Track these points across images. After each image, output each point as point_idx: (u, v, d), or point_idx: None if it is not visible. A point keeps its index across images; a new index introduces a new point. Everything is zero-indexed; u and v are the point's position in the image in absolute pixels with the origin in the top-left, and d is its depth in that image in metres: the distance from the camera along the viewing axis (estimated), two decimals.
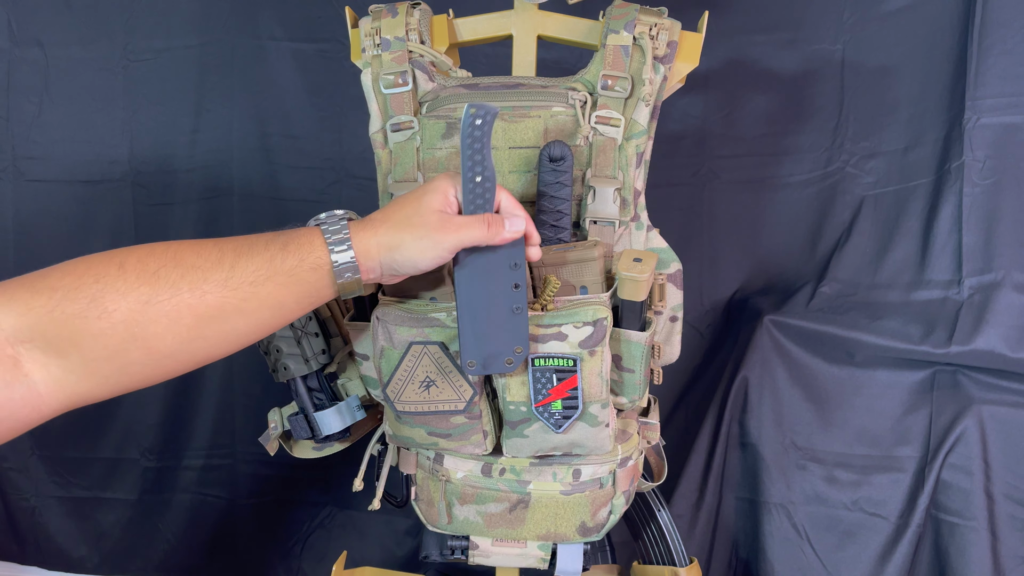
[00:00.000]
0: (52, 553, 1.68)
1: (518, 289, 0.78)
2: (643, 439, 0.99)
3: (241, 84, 1.52)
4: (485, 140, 0.73)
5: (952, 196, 1.25)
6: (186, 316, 0.65)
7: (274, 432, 1.02)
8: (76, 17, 1.53)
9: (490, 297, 0.77)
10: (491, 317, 0.78)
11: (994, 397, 1.20)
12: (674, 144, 1.45)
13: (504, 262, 0.77)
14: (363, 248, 0.72)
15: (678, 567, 1.07)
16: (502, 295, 0.77)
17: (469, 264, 0.77)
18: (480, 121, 0.73)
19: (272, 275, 0.68)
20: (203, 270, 0.66)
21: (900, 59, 1.33)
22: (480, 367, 0.79)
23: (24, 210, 1.58)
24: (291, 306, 0.71)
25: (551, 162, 0.86)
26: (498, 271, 0.77)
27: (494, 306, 0.78)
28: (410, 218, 0.73)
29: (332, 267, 0.70)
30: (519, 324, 0.78)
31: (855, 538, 1.28)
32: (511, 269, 0.77)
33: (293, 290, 0.70)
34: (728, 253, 1.47)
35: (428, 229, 0.72)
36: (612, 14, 0.89)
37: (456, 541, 0.99)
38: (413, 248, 0.72)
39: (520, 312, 0.78)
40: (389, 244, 0.72)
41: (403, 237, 0.72)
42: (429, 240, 0.72)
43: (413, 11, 0.93)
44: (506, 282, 0.77)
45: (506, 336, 0.78)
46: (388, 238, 0.72)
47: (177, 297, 0.64)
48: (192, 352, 0.67)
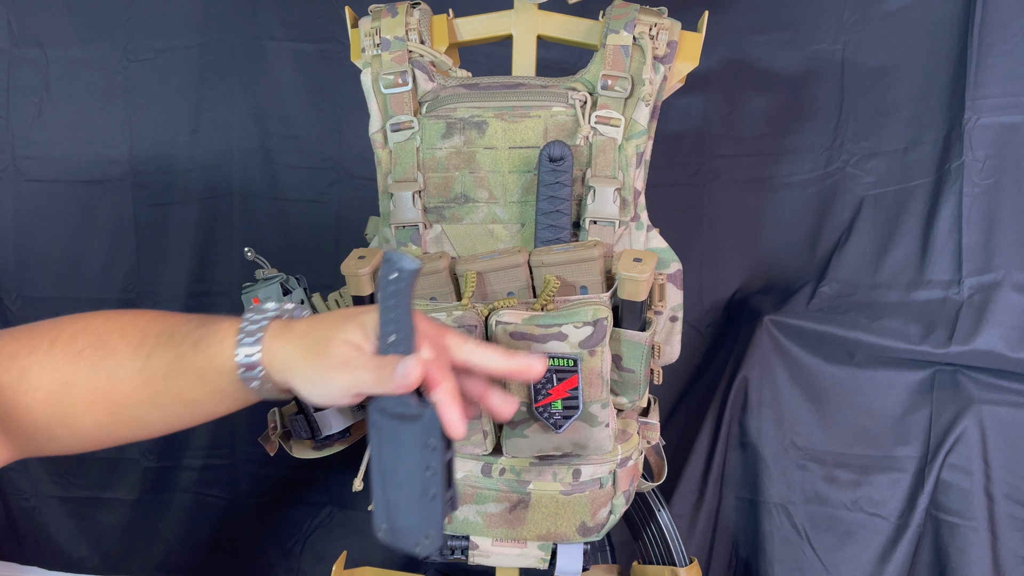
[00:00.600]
0: (52, 553, 1.68)
1: (431, 473, 0.63)
2: (643, 439, 0.99)
3: (241, 84, 1.52)
4: (402, 298, 0.62)
5: (952, 196, 1.25)
6: (102, 403, 0.62)
7: (274, 432, 1.02)
8: (76, 17, 1.53)
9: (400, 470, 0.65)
10: (402, 491, 0.65)
11: (994, 397, 1.20)
12: (674, 144, 1.45)
13: (418, 437, 0.63)
14: (270, 357, 0.62)
15: (678, 567, 1.07)
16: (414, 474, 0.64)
17: (380, 423, 0.65)
18: (395, 276, 0.62)
19: (181, 373, 0.62)
20: (121, 356, 0.62)
21: (900, 59, 1.33)
22: (389, 535, 0.67)
23: (24, 210, 1.58)
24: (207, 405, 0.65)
25: (551, 162, 0.86)
26: (410, 446, 0.64)
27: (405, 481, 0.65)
28: (317, 343, 0.62)
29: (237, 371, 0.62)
30: (432, 510, 0.64)
31: (855, 538, 1.28)
32: (424, 448, 0.63)
33: (206, 390, 0.64)
34: (728, 253, 1.47)
35: (326, 361, 0.61)
36: (612, 14, 0.89)
37: (456, 541, 0.99)
38: (304, 380, 0.62)
39: (435, 499, 0.64)
40: (288, 365, 0.62)
41: (300, 363, 0.62)
42: (322, 375, 0.61)
43: (413, 11, 0.93)
44: (418, 461, 0.64)
45: (417, 518, 0.65)
46: (289, 358, 0.62)
47: (95, 382, 0.62)
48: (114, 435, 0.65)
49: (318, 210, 1.54)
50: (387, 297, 0.62)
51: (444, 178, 0.90)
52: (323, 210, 1.54)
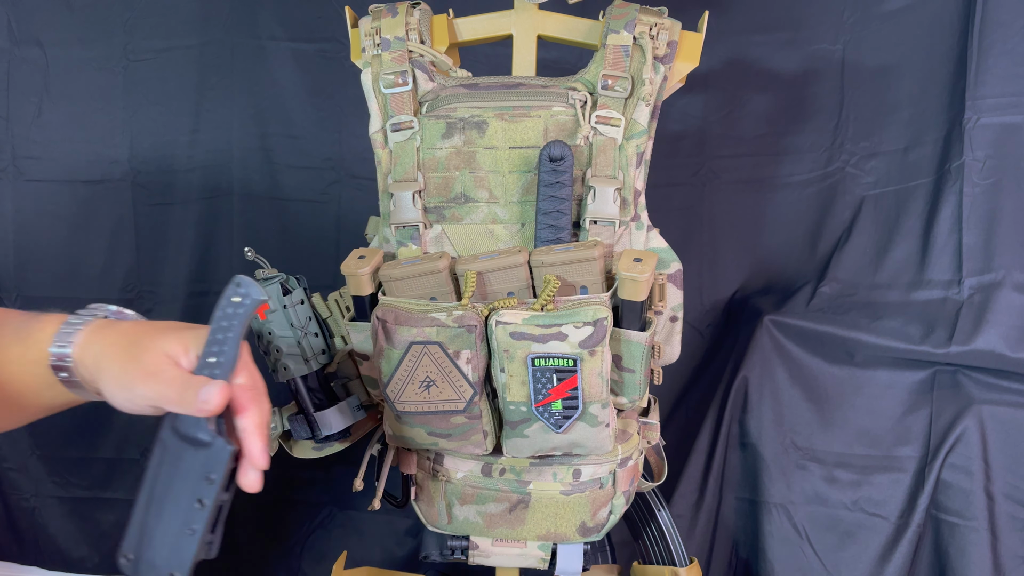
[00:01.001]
0: (52, 553, 1.68)
1: (201, 508, 0.61)
2: (643, 439, 0.99)
3: (241, 84, 1.52)
4: (238, 323, 0.61)
5: (952, 196, 1.25)
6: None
7: (274, 432, 1.02)
8: (76, 17, 1.53)
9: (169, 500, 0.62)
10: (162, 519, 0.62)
11: (994, 397, 1.20)
12: (674, 144, 1.45)
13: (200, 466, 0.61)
14: (81, 354, 0.61)
15: (678, 567, 1.07)
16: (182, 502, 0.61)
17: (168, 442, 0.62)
18: (238, 300, 0.62)
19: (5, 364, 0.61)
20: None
21: (900, 59, 1.33)
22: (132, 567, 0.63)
23: (24, 210, 1.58)
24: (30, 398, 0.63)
25: (551, 162, 0.85)
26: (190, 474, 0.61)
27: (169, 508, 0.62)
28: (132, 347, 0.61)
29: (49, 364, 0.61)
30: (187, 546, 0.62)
31: (855, 538, 1.28)
32: (202, 480, 0.61)
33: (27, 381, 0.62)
34: (728, 253, 1.47)
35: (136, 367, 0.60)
36: (612, 14, 0.89)
37: (456, 541, 0.99)
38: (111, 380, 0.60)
39: (192, 535, 0.62)
40: (98, 364, 0.61)
41: (110, 364, 0.60)
42: (129, 380, 0.60)
43: (413, 11, 0.93)
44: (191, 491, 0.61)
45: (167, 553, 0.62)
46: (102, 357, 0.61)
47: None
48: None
49: (318, 210, 1.54)
50: (223, 318, 0.61)
51: (444, 178, 0.90)
52: (323, 210, 1.54)
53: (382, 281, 0.88)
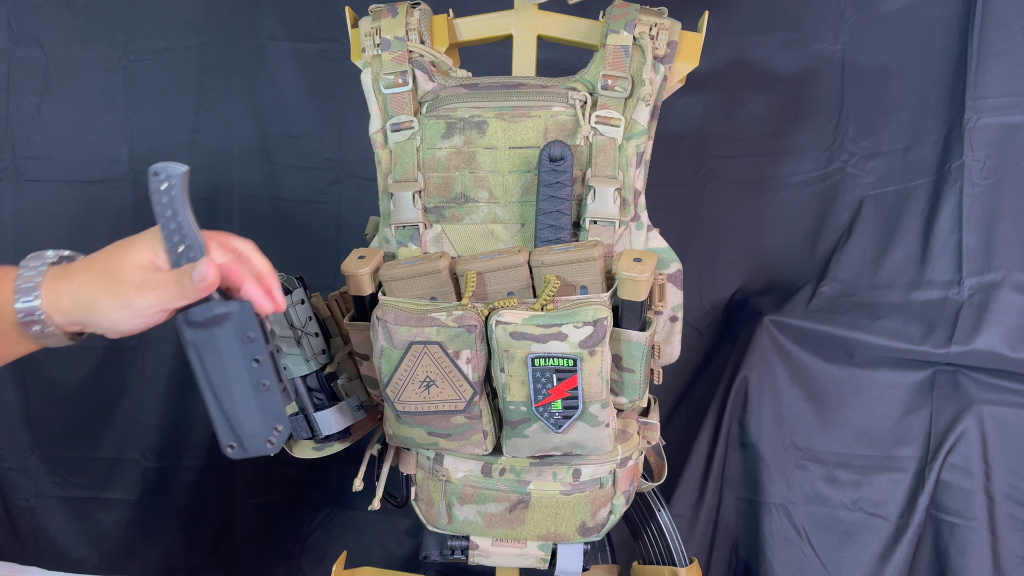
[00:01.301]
0: (52, 553, 1.68)
1: (259, 365, 0.66)
2: (643, 439, 0.99)
3: (241, 84, 1.52)
4: (177, 205, 0.63)
5: (952, 196, 1.25)
6: None
7: None
8: (76, 17, 1.53)
9: (229, 376, 0.66)
10: (236, 397, 0.67)
11: (994, 397, 1.20)
12: (674, 144, 1.45)
13: (234, 335, 0.65)
14: (54, 303, 0.62)
15: (678, 567, 1.07)
16: (242, 373, 0.66)
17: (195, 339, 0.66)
18: (166, 184, 0.63)
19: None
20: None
21: (900, 59, 1.33)
22: (240, 450, 0.69)
23: (24, 210, 1.58)
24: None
25: (551, 162, 0.85)
26: (230, 346, 0.65)
27: (236, 385, 0.66)
28: (109, 272, 0.62)
29: (16, 320, 0.61)
30: (271, 401, 0.67)
31: (855, 538, 1.28)
32: (244, 342, 0.65)
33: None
34: (728, 253, 1.47)
35: (125, 287, 0.62)
36: (612, 14, 0.89)
37: (456, 541, 0.99)
38: (108, 308, 0.62)
39: (268, 389, 0.67)
40: (84, 302, 0.62)
41: (97, 295, 0.62)
42: (125, 299, 0.62)
43: (413, 11, 0.93)
44: (243, 358, 0.66)
45: (259, 416, 0.67)
46: (83, 294, 0.62)
47: None
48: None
49: (318, 210, 1.54)
50: (163, 209, 0.63)
51: (444, 178, 0.90)
52: (323, 210, 1.54)
53: (382, 281, 0.88)
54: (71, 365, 1.61)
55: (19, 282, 0.62)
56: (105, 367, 1.61)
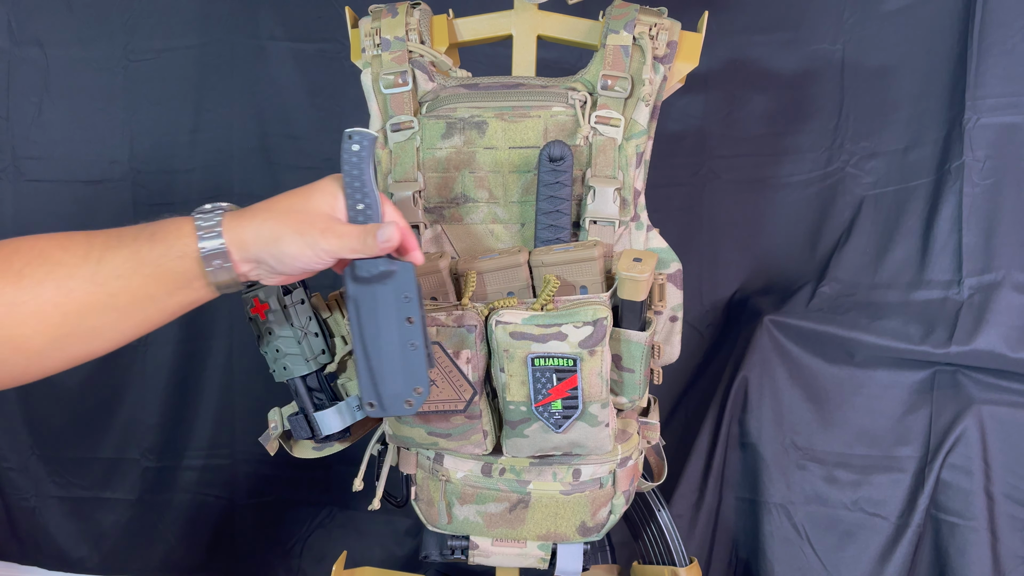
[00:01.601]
0: (52, 553, 1.68)
1: (412, 324, 0.72)
2: (643, 439, 0.99)
3: (241, 84, 1.52)
4: (364, 166, 0.70)
5: (952, 196, 1.25)
6: (53, 315, 0.63)
7: (274, 432, 1.02)
8: (76, 17, 1.53)
9: (383, 332, 0.72)
10: (385, 355, 0.72)
11: (994, 397, 1.20)
12: (674, 144, 1.45)
13: (393, 293, 0.71)
14: (237, 238, 0.67)
15: (678, 567, 1.07)
16: (394, 330, 0.71)
17: (357, 295, 0.72)
18: (357, 147, 0.70)
19: (139, 267, 0.65)
20: (69, 266, 0.63)
21: (900, 59, 1.33)
22: (380, 408, 0.74)
23: (24, 210, 1.58)
24: (163, 299, 0.67)
25: (551, 162, 0.86)
26: (388, 303, 0.71)
27: (386, 343, 0.72)
28: (295, 212, 0.69)
29: (199, 255, 0.66)
30: (417, 362, 0.72)
31: (855, 538, 1.28)
32: (402, 301, 0.71)
33: (163, 282, 0.66)
34: (728, 253, 1.47)
35: (311, 227, 0.68)
36: (612, 14, 0.89)
37: (456, 541, 0.99)
38: (293, 244, 0.68)
39: (416, 349, 0.72)
40: (269, 236, 0.68)
41: (284, 231, 0.68)
42: (310, 238, 0.68)
43: (413, 11, 0.93)
44: (397, 316, 0.71)
45: (404, 375, 0.73)
46: (268, 230, 0.68)
47: (43, 297, 0.62)
48: (65, 349, 0.65)
49: None
50: (351, 168, 0.69)
51: (444, 178, 0.90)
52: None
53: None
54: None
55: (199, 222, 0.67)
56: (105, 367, 1.61)
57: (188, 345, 1.59)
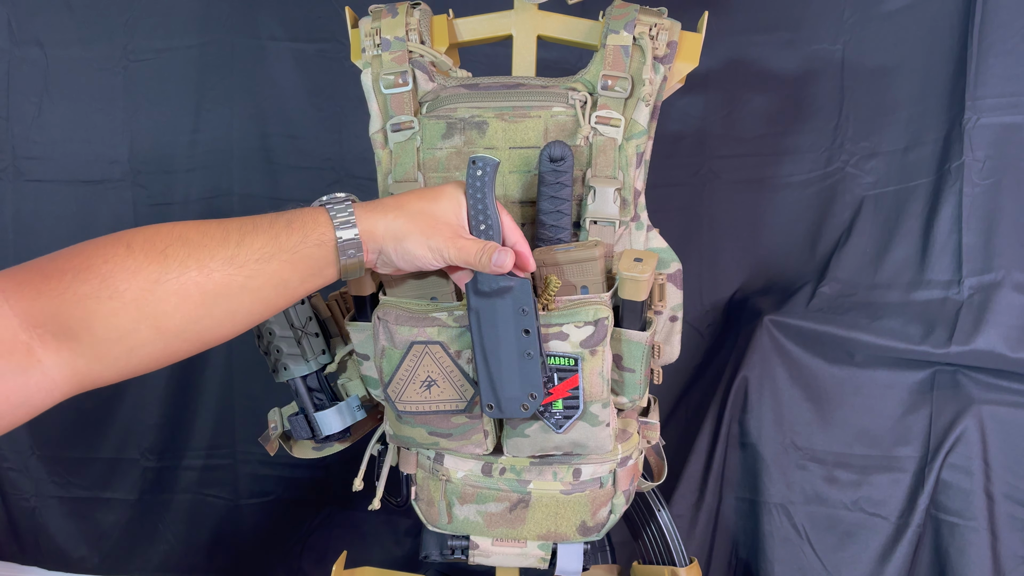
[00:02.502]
0: (52, 553, 1.68)
1: (528, 336, 0.77)
2: (643, 439, 0.99)
3: (241, 84, 1.52)
4: (487, 190, 0.76)
5: (952, 196, 1.25)
6: (194, 294, 0.65)
7: (274, 432, 1.02)
8: (76, 17, 1.53)
9: (501, 341, 0.78)
10: (503, 361, 0.78)
11: (994, 397, 1.20)
12: (674, 144, 1.45)
13: (511, 306, 0.77)
14: (368, 229, 0.72)
15: (678, 567, 1.07)
16: (512, 340, 0.78)
17: (479, 306, 0.78)
18: (480, 172, 0.76)
19: (277, 252, 0.68)
20: (209, 248, 0.66)
21: (900, 59, 1.33)
22: (497, 411, 0.80)
23: (24, 210, 1.58)
24: (295, 284, 0.71)
25: (551, 162, 0.85)
26: (507, 315, 0.77)
27: (504, 351, 0.78)
28: (423, 216, 0.74)
29: (336, 244, 0.71)
30: (532, 369, 0.78)
31: (855, 538, 1.28)
32: (520, 314, 0.77)
33: (298, 267, 0.70)
34: (728, 253, 1.47)
35: (437, 233, 0.73)
36: (612, 14, 0.89)
37: (456, 541, 0.99)
38: (418, 244, 0.73)
39: (532, 358, 0.78)
40: (397, 233, 0.73)
41: (412, 231, 0.73)
42: (435, 243, 0.73)
43: (413, 11, 0.93)
44: (515, 327, 0.77)
45: (519, 382, 0.79)
46: (398, 227, 0.73)
47: (185, 275, 0.64)
48: (199, 331, 0.67)
49: None
50: (475, 191, 0.76)
51: (444, 178, 0.90)
52: None
53: (383, 281, 0.88)
54: None
55: (333, 214, 0.72)
56: None
57: None
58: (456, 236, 0.74)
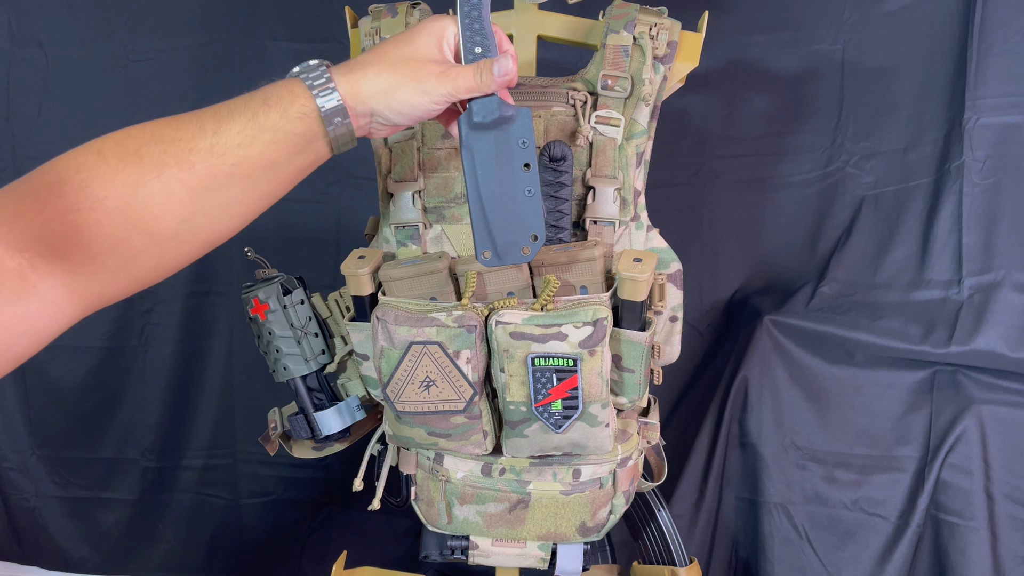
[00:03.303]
0: (52, 553, 1.68)
1: (528, 169, 0.71)
2: (643, 439, 0.99)
3: (241, 84, 1.51)
4: (483, 7, 0.70)
5: (952, 196, 1.25)
6: (179, 191, 0.61)
7: (274, 432, 1.02)
8: (76, 17, 1.53)
9: (499, 180, 0.72)
10: (502, 202, 0.72)
11: (994, 397, 1.20)
12: (674, 144, 1.45)
13: (511, 139, 0.71)
14: (352, 91, 0.66)
15: (678, 567, 1.07)
16: (512, 177, 0.71)
17: (473, 142, 0.71)
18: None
19: (258, 133, 0.64)
20: (186, 141, 0.62)
21: (900, 59, 1.33)
22: (495, 258, 0.74)
23: None
24: (285, 165, 0.66)
25: (551, 162, 0.85)
26: (505, 149, 0.71)
27: (504, 190, 0.72)
28: (406, 60, 0.68)
29: (319, 113, 0.65)
30: (533, 208, 0.72)
31: (855, 538, 1.28)
32: (519, 147, 0.71)
33: (284, 147, 0.65)
34: (728, 253, 1.47)
35: (427, 73, 0.67)
36: (612, 14, 0.89)
37: (456, 541, 0.99)
38: (410, 92, 0.67)
39: (533, 196, 0.72)
40: (384, 87, 0.67)
41: (400, 80, 0.67)
42: (427, 84, 0.67)
43: (413, 11, 0.93)
44: (515, 162, 0.71)
45: (520, 222, 0.72)
46: (383, 81, 0.67)
47: (166, 173, 0.61)
48: (195, 230, 0.64)
49: (318, 210, 1.54)
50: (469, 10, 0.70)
51: (444, 178, 0.90)
52: (323, 210, 1.54)
53: (382, 281, 0.88)
54: (71, 365, 1.62)
55: (310, 83, 0.66)
56: (105, 367, 1.61)
57: (188, 345, 1.59)
58: (447, 70, 0.68)
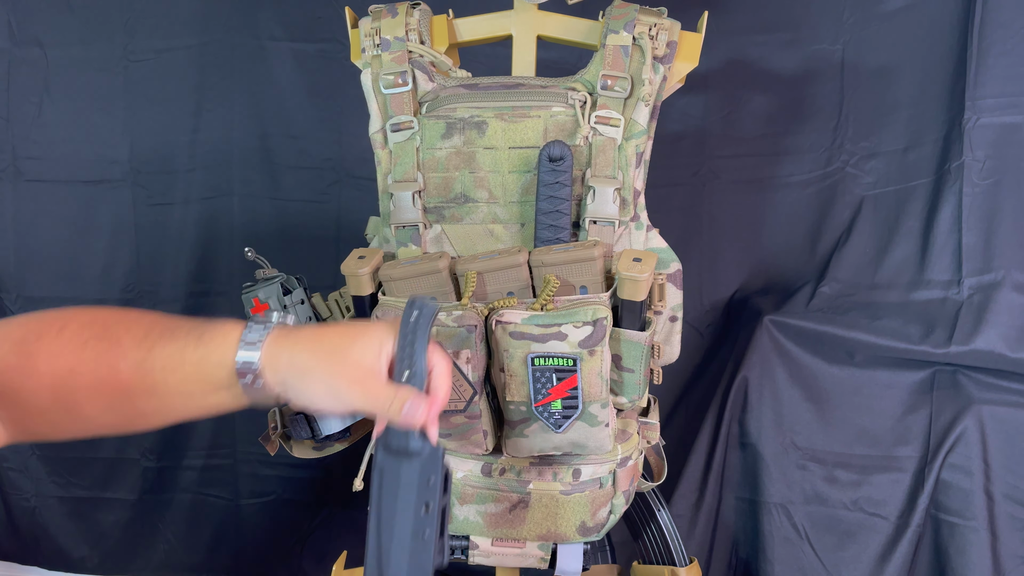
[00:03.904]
0: (52, 553, 1.68)
1: (427, 512, 0.65)
2: (643, 439, 0.99)
3: (241, 84, 1.52)
4: (419, 334, 0.65)
5: (952, 196, 1.25)
6: (104, 390, 0.64)
7: (274, 432, 1.02)
8: (76, 17, 1.53)
9: (397, 512, 0.66)
10: (396, 536, 0.66)
11: (994, 397, 1.20)
12: (674, 144, 1.45)
13: (418, 473, 0.65)
14: (271, 356, 0.64)
15: (678, 567, 1.07)
16: (410, 513, 0.65)
17: (383, 464, 0.66)
18: (416, 314, 0.66)
19: (181, 364, 0.64)
20: (125, 348, 0.64)
21: (900, 59, 1.33)
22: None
23: (24, 210, 1.58)
24: (200, 399, 0.66)
25: (551, 162, 0.86)
26: (411, 483, 0.65)
27: (399, 525, 0.65)
28: (333, 354, 0.65)
29: (234, 367, 0.64)
30: (423, 554, 0.65)
31: (855, 538, 1.28)
32: (424, 484, 0.65)
33: (200, 383, 0.65)
34: (728, 253, 1.47)
35: (341, 375, 0.65)
36: (612, 14, 0.89)
37: (456, 541, 0.99)
38: (319, 384, 0.64)
39: (426, 540, 0.65)
40: (300, 367, 0.65)
41: (315, 368, 0.65)
42: (335, 384, 0.65)
43: (413, 11, 0.93)
44: (417, 498, 0.65)
45: (407, 564, 0.65)
46: (302, 361, 0.65)
47: (97, 372, 0.63)
48: (113, 424, 0.67)
49: (318, 210, 1.54)
50: (406, 333, 0.65)
51: (444, 178, 0.90)
52: (323, 210, 1.54)
53: (382, 281, 0.88)
54: None
55: (248, 333, 0.65)
56: None
57: None
58: (367, 379, 0.64)
